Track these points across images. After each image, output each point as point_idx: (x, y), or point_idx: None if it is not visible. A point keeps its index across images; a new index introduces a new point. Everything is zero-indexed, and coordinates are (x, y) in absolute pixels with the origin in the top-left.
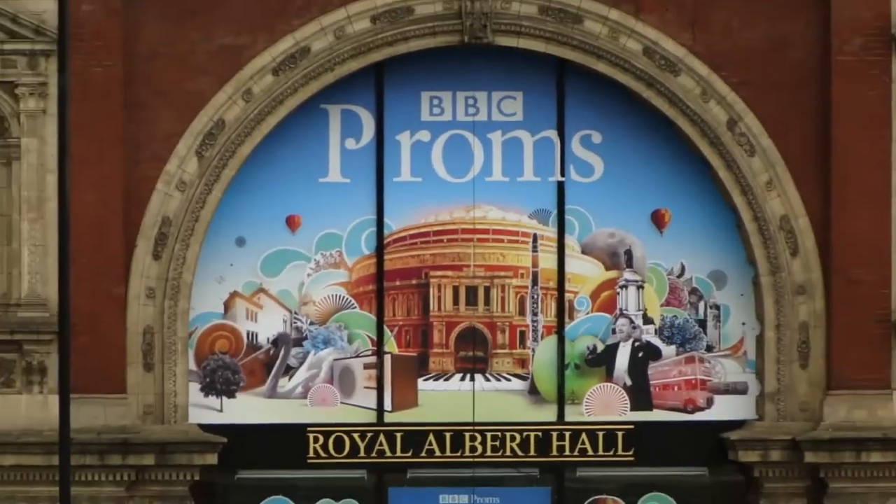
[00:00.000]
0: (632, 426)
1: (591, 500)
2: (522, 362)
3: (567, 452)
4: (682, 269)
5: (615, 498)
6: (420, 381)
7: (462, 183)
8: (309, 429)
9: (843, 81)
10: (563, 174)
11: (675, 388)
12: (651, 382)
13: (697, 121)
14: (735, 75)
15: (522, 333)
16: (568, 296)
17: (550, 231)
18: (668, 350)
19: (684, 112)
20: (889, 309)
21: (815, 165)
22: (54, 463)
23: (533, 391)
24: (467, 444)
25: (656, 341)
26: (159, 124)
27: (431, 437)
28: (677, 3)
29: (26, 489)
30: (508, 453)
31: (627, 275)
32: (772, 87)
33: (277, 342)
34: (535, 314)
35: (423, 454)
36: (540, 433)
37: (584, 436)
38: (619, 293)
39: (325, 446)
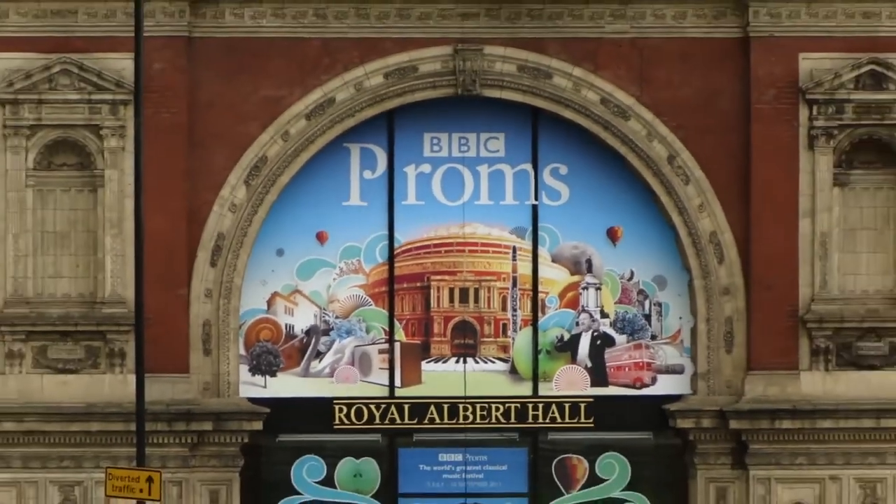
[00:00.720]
0: (592, 399)
1: (559, 458)
2: (504, 348)
3: (540, 420)
4: (632, 274)
5: (579, 456)
6: (423, 363)
7: (456, 206)
8: (335, 401)
9: (760, 125)
10: (536, 199)
11: (626, 369)
12: (607, 364)
13: (643, 156)
14: (674, 120)
15: (504, 325)
16: (541, 295)
17: (526, 244)
18: (620, 339)
19: (633, 149)
20: (797, 307)
21: (737, 192)
22: (131, 429)
23: (513, 371)
24: (461, 413)
25: (611, 332)
26: (215, 159)
27: (432, 407)
28: (627, 63)
29: (109, 450)
30: (493, 421)
31: (588, 279)
32: (703, 129)
33: (310, 332)
34: (514, 310)
35: (426, 421)
36: (518, 405)
37: (553, 407)
38: (581, 293)
39: (347, 415)
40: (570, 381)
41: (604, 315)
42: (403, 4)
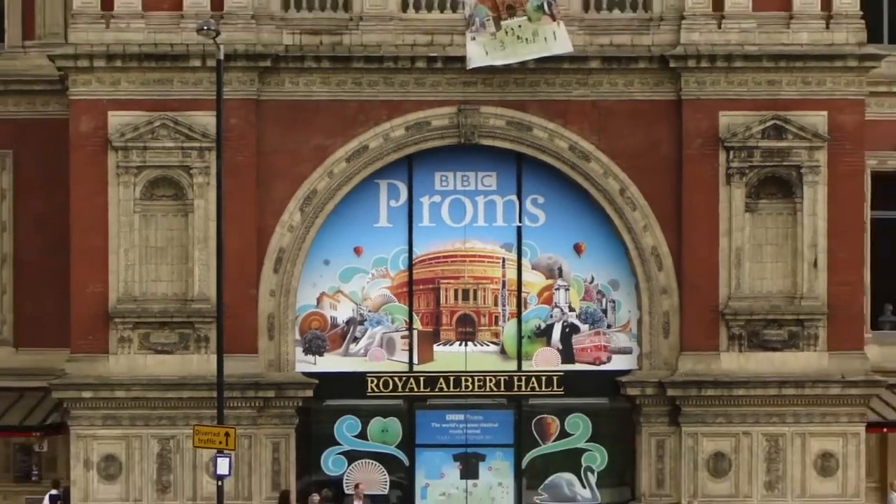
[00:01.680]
0: (562, 373)
1: (537, 418)
2: (496, 334)
3: (523, 389)
4: (592, 278)
5: (552, 416)
6: (435, 346)
7: (459, 227)
8: (368, 374)
9: (689, 166)
10: (520, 221)
11: (588, 350)
12: (574, 347)
13: (601, 189)
14: (625, 162)
15: (496, 317)
16: (524, 294)
17: (513, 256)
18: (584, 327)
19: (593, 184)
20: (717, 303)
21: (672, 216)
22: (213, 395)
23: (502, 352)
24: (463, 384)
25: (577, 322)
26: (277, 192)
27: (441, 379)
28: (589, 119)
29: (196, 412)
30: (488, 390)
31: (559, 282)
32: (647, 169)
33: (349, 322)
34: (503, 306)
35: (437, 390)
36: (507, 377)
37: (533, 379)
38: (554, 293)
39: (377, 385)
40: (545, 359)
41: (571, 309)
42: (420, 75)
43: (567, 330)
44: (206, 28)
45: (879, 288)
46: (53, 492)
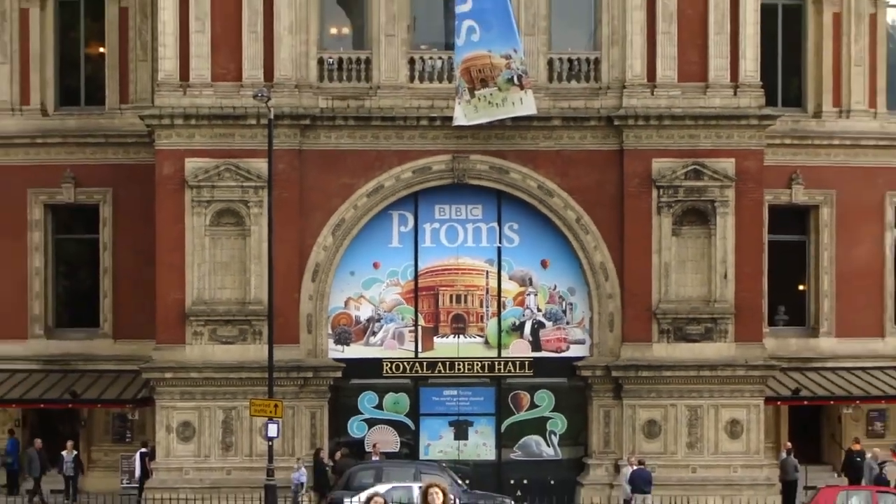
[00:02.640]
0: (532, 359)
1: (513, 393)
2: (481, 329)
3: (502, 371)
4: (555, 286)
5: (524, 392)
6: (434, 338)
7: (453, 247)
8: (383, 360)
9: (629, 200)
10: (500, 243)
11: (552, 341)
12: (541, 339)
13: (562, 218)
14: (581, 197)
15: (482, 316)
16: (503, 299)
17: (494, 269)
18: (548, 324)
19: (556, 214)
20: (650, 305)
21: (616, 239)
22: (265, 376)
23: (486, 343)
24: (456, 367)
25: (543, 320)
26: (314, 220)
27: (439, 364)
28: (554, 164)
29: (252, 388)
30: (475, 372)
31: (530, 289)
32: (597, 203)
33: (369, 320)
34: (487, 307)
35: (436, 372)
36: (489, 362)
37: (510, 363)
38: (526, 298)
39: (390, 368)
40: (519, 348)
41: (539, 310)
42: (423, 130)
43: (536, 326)
44: (260, 95)
45: (775, 294)
46: (143, 450)
